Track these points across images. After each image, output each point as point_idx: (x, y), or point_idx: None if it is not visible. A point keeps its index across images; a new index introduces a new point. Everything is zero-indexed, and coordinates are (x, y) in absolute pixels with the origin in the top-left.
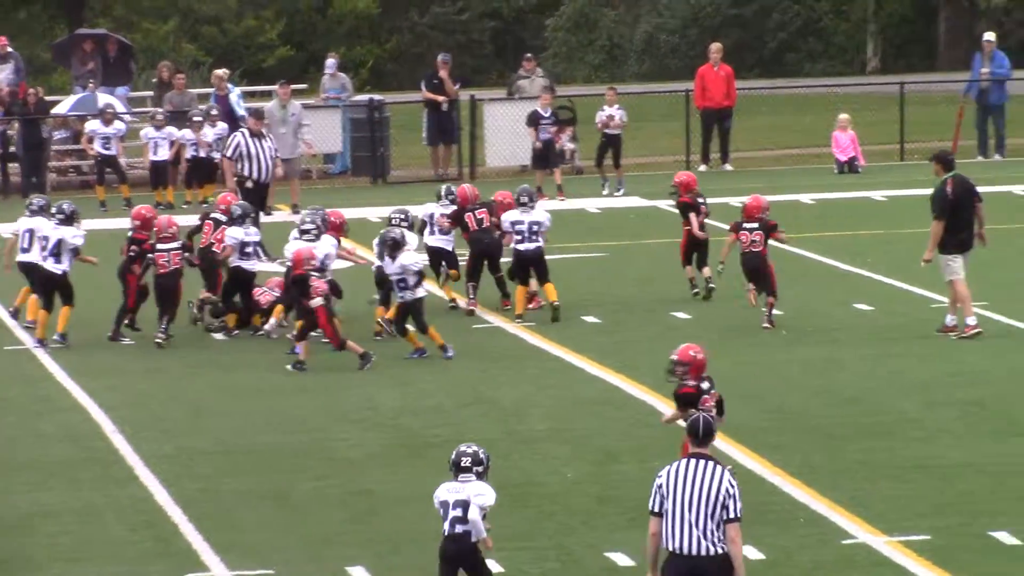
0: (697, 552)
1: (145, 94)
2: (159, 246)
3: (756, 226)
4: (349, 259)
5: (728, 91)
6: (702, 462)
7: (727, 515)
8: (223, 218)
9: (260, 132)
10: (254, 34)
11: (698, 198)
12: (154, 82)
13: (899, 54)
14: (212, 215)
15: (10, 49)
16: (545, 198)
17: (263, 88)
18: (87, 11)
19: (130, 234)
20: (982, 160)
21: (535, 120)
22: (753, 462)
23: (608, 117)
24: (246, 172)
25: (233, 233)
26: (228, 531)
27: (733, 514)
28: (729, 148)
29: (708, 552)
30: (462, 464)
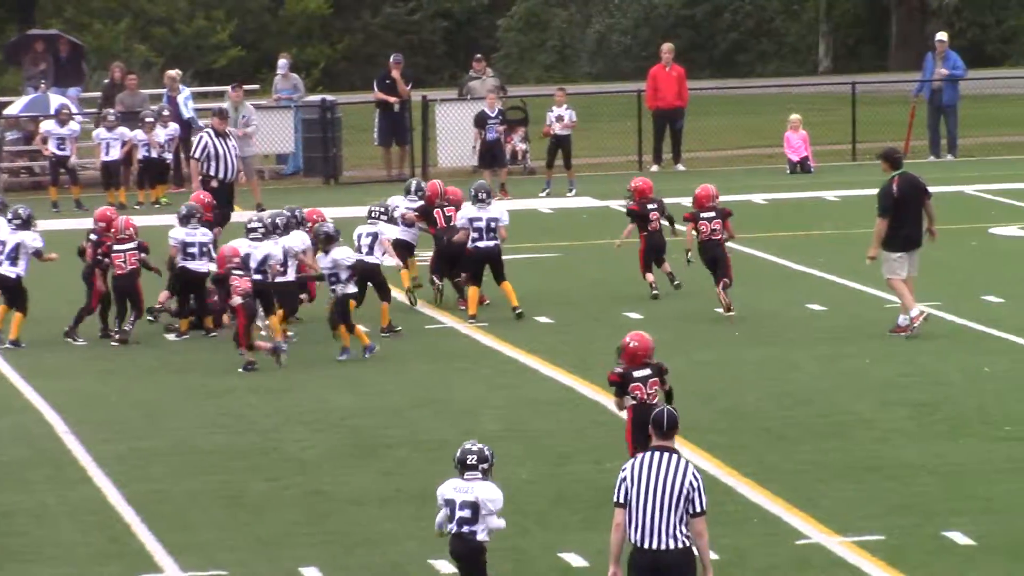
0: (659, 546)
1: (95, 95)
2: (116, 247)
3: (713, 214)
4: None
5: (680, 91)
6: (666, 455)
7: (693, 509)
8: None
9: (225, 132)
10: (205, 35)
11: (649, 204)
12: (105, 83)
13: (851, 54)
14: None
15: None
16: (507, 197)
17: (215, 89)
18: (38, 11)
19: (94, 236)
20: (934, 160)
21: (482, 121)
22: (707, 463)
23: (557, 118)
24: (212, 172)
25: (174, 234)
26: (181, 532)
27: (699, 508)
28: (681, 148)
29: (670, 546)
30: (468, 462)
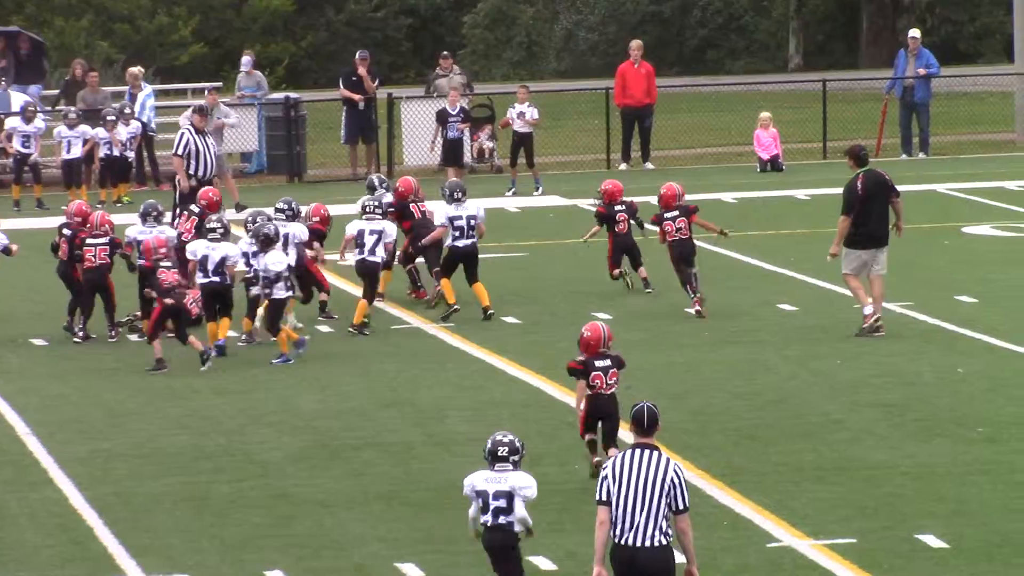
0: (635, 543)
1: (56, 92)
2: (89, 240)
3: (677, 213)
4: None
5: (649, 89)
6: (647, 452)
7: (676, 506)
8: (196, 209)
9: (204, 129)
10: (168, 31)
11: (617, 206)
12: (65, 80)
13: (821, 51)
14: (189, 207)
15: None
16: None
17: (177, 86)
18: None
19: (68, 231)
20: (906, 159)
21: (443, 118)
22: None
23: (519, 115)
24: (191, 170)
25: (130, 232)
26: (144, 534)
27: (682, 505)
28: (650, 147)
29: (646, 544)
30: (499, 453)
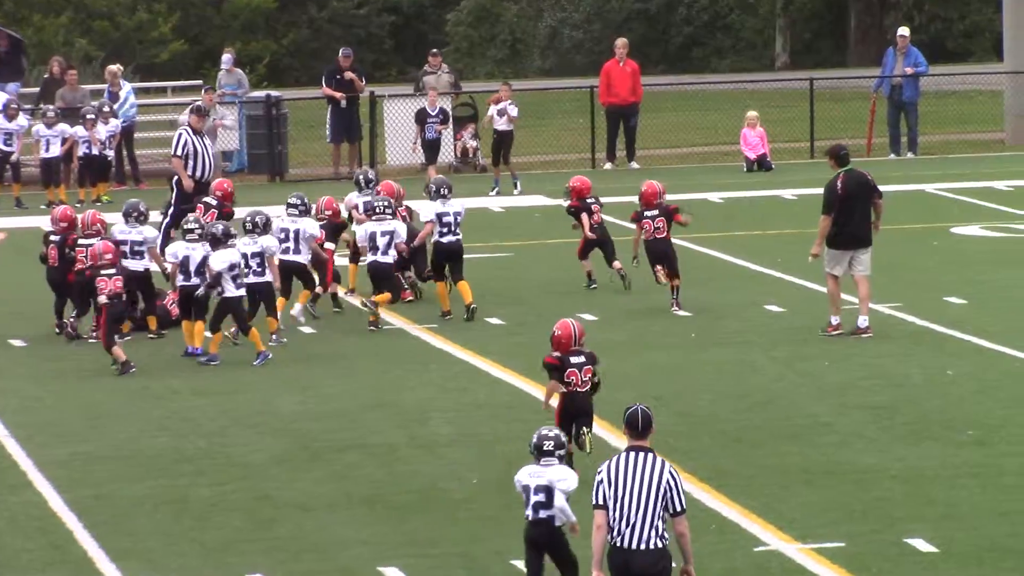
0: (630, 545)
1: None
2: (81, 241)
3: (657, 212)
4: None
5: (634, 87)
6: (642, 454)
7: (672, 509)
8: (213, 202)
9: (202, 130)
10: (147, 28)
11: (588, 200)
12: (44, 78)
13: (808, 49)
14: (204, 199)
15: None
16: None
17: (157, 84)
18: None
19: (56, 238)
20: (895, 158)
21: (422, 118)
22: None
23: (499, 112)
24: (189, 171)
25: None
26: (124, 538)
27: (679, 507)
28: (635, 146)
29: (642, 547)
30: (544, 448)
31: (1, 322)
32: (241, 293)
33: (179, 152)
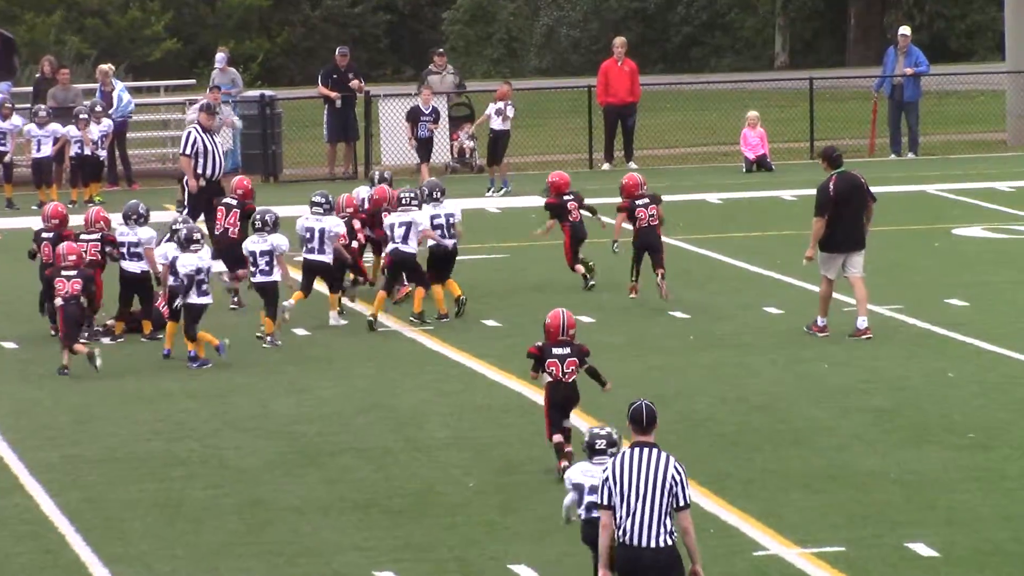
0: (640, 543)
1: (26, 89)
2: (83, 236)
3: (648, 200)
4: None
5: (632, 87)
6: (647, 450)
7: (677, 503)
8: (233, 202)
9: (211, 128)
10: (140, 26)
11: (565, 196)
12: (36, 77)
13: (808, 48)
14: (224, 200)
15: None
16: None
17: (150, 84)
18: None
19: (49, 235)
20: (895, 159)
21: (415, 116)
22: None
23: (497, 112)
24: (199, 169)
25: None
26: (117, 542)
27: (683, 502)
28: (633, 146)
29: (651, 544)
30: (596, 446)
31: None
32: (206, 301)
33: (188, 151)
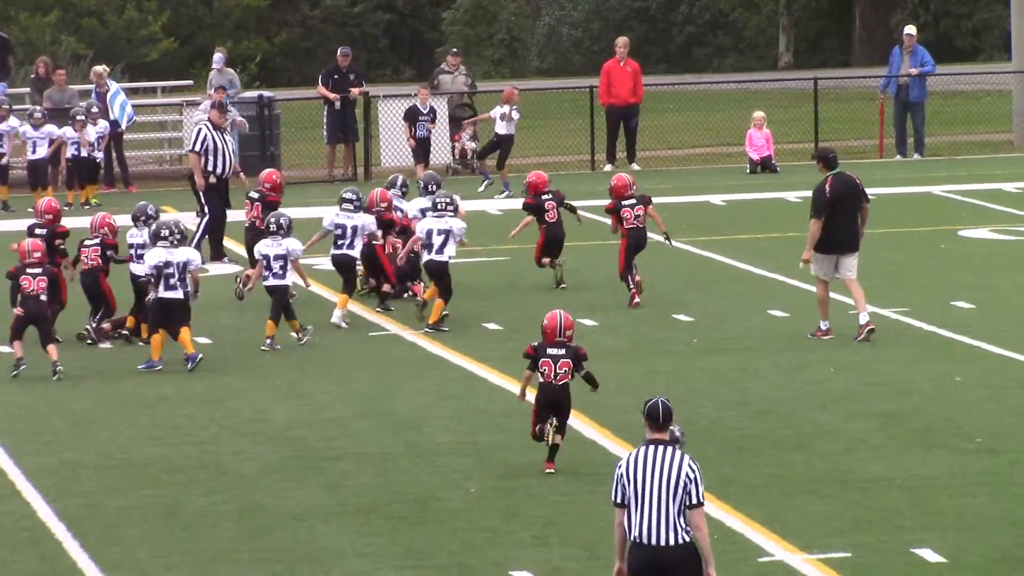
0: (658, 542)
1: (23, 91)
2: (87, 242)
3: (635, 201)
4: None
5: (635, 87)
6: (661, 448)
7: (690, 501)
8: (255, 195)
9: (223, 125)
10: (137, 27)
11: (543, 196)
12: (32, 78)
13: (812, 48)
14: (250, 193)
15: None
16: None
17: (147, 84)
18: None
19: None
20: (901, 159)
21: (413, 116)
22: None
23: (501, 116)
24: (209, 167)
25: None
26: (115, 548)
27: (696, 499)
28: (636, 147)
29: (670, 542)
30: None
31: None
32: (175, 295)
33: (197, 148)
